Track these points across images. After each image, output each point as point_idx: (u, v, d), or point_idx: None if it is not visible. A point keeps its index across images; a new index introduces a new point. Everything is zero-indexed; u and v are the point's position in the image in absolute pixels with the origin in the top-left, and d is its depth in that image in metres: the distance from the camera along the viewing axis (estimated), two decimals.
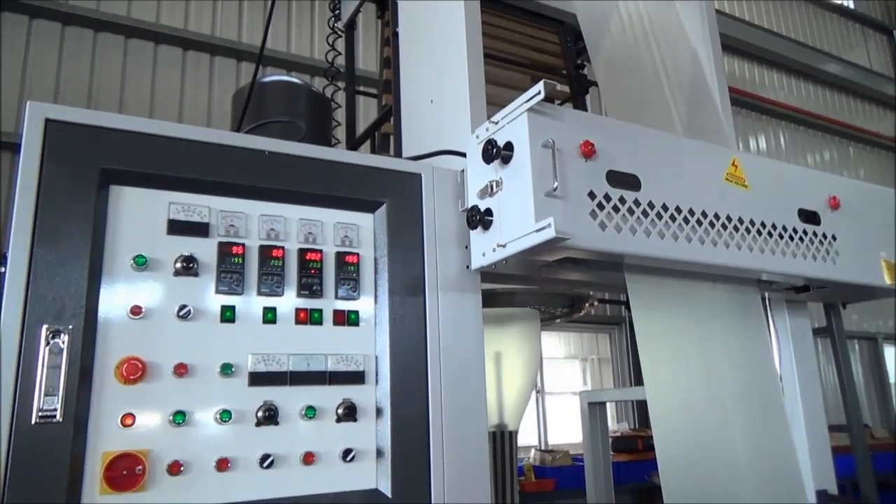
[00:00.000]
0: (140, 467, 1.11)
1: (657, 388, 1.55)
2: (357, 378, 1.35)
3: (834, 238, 1.79)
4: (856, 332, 10.78)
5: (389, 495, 1.30)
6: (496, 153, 1.40)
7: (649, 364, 1.56)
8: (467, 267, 1.50)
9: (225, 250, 1.28)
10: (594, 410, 2.94)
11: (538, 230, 1.28)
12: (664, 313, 1.65)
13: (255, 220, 1.33)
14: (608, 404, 3.06)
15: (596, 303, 2.32)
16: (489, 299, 1.89)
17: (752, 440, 1.66)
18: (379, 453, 1.34)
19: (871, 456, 7.04)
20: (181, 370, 1.18)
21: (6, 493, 1.00)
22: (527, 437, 6.88)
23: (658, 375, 1.58)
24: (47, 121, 1.15)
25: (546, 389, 7.44)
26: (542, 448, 6.05)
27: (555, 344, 8.15)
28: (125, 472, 1.09)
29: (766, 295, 2.03)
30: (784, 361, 2.04)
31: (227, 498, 1.18)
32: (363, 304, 1.40)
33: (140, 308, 1.17)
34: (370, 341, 1.39)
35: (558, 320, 2.59)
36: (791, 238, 1.70)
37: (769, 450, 1.68)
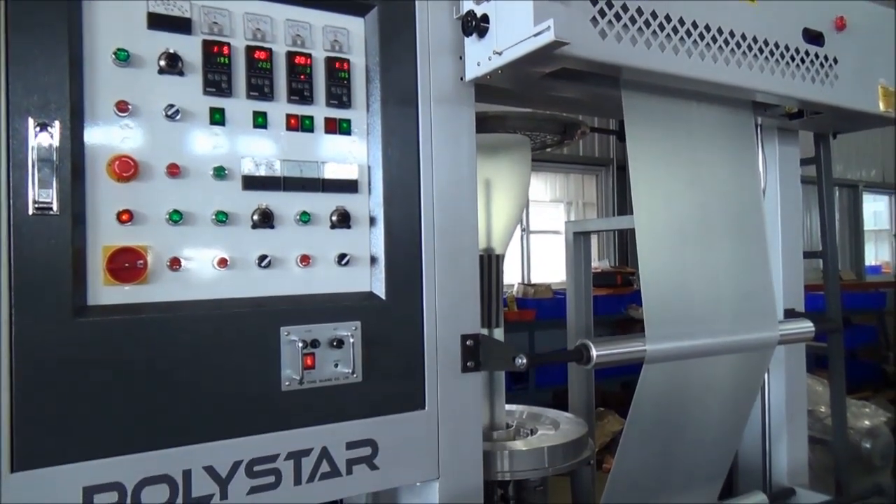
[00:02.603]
0: (141, 261, 1.14)
1: (645, 206, 1.58)
2: (350, 186, 1.36)
3: (835, 61, 1.75)
4: (839, 179, 10.92)
5: (384, 297, 1.36)
6: None
7: (639, 182, 1.58)
8: (461, 79, 1.47)
9: (210, 49, 1.22)
10: (579, 240, 3.02)
11: (536, 34, 1.23)
12: (657, 132, 1.64)
13: (240, 18, 1.26)
14: (592, 243, 3.14)
15: (587, 131, 2.29)
16: (480, 123, 1.86)
17: (732, 260, 1.72)
18: (373, 260, 1.39)
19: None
20: (174, 170, 1.18)
21: (13, 280, 1.03)
22: (511, 275, 7.14)
23: (647, 194, 1.60)
24: None
25: (531, 229, 7.60)
26: (526, 282, 6.30)
27: (541, 187, 8.21)
28: (127, 265, 1.12)
29: (759, 120, 2.02)
30: (769, 187, 2.07)
31: (228, 293, 1.22)
32: (355, 114, 1.38)
33: (126, 104, 1.14)
34: (363, 151, 1.39)
35: (549, 149, 2.58)
36: (792, 58, 1.66)
37: (746, 270, 1.74)
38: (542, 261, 7.53)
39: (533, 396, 4.95)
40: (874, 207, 12.68)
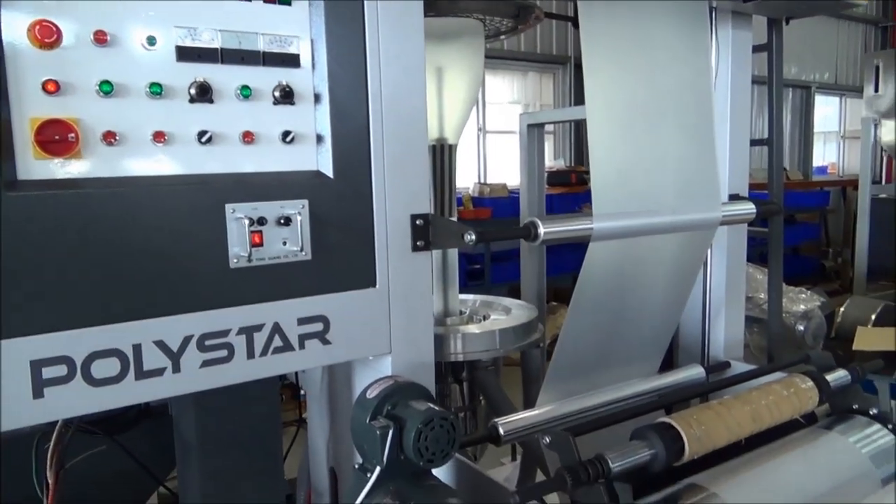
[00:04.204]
0: (73, 135, 1.09)
1: (597, 88, 1.57)
2: (292, 60, 1.31)
3: None
4: (793, 80, 11.02)
5: (331, 176, 1.35)
6: None
7: (591, 66, 1.56)
8: None
9: None
10: (532, 133, 3.01)
11: None
12: (610, 14, 1.61)
13: None
14: (546, 143, 3.12)
15: (542, 16, 2.23)
16: (430, 6, 1.79)
17: (680, 143, 1.74)
18: (319, 138, 1.36)
19: (787, 194, 7.61)
20: (101, 37, 1.11)
21: None
22: (468, 175, 7.13)
23: (599, 77, 1.58)
24: None
25: (487, 129, 7.55)
26: (482, 182, 6.31)
27: (498, 86, 8.08)
28: (57, 138, 1.08)
29: (714, 3, 2.00)
30: (721, 72, 2.08)
31: (170, 170, 1.19)
32: None
33: None
34: (305, 23, 1.33)
35: (503, 37, 2.51)
36: None
37: (693, 154, 1.77)
38: (498, 162, 7.51)
39: (488, 292, 5.07)
40: (825, 111, 12.90)
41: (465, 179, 6.77)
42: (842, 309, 4.23)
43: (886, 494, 1.33)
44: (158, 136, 1.17)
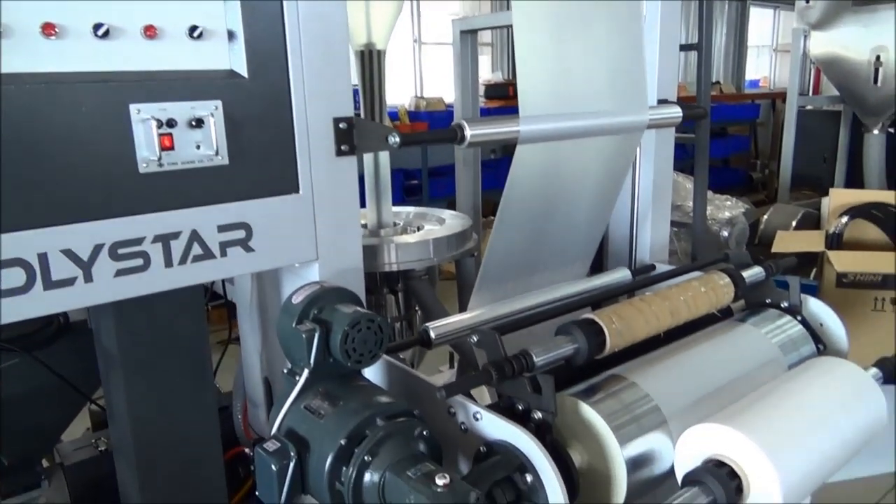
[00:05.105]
0: None
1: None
2: None
3: None
4: None
5: (246, 76, 1.28)
6: None
7: None
8: None
9: None
10: (466, 40, 2.93)
11: None
12: None
13: None
14: (485, 57, 3.04)
15: None
16: None
17: (609, 47, 1.72)
18: (231, 35, 1.28)
19: (718, 107, 7.71)
20: None
21: None
22: (404, 90, 6.96)
23: None
24: None
25: (423, 40, 7.32)
26: (418, 96, 6.18)
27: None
28: None
29: None
30: None
31: (62, 66, 1.10)
32: None
33: None
34: None
35: None
36: None
37: (622, 58, 1.75)
38: (435, 75, 7.34)
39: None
40: (760, 25, 13.02)
41: (403, 95, 6.62)
42: (765, 217, 4.42)
43: (790, 378, 1.42)
44: (48, 29, 1.07)
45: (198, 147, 1.22)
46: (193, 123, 1.21)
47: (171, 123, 1.18)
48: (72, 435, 2.11)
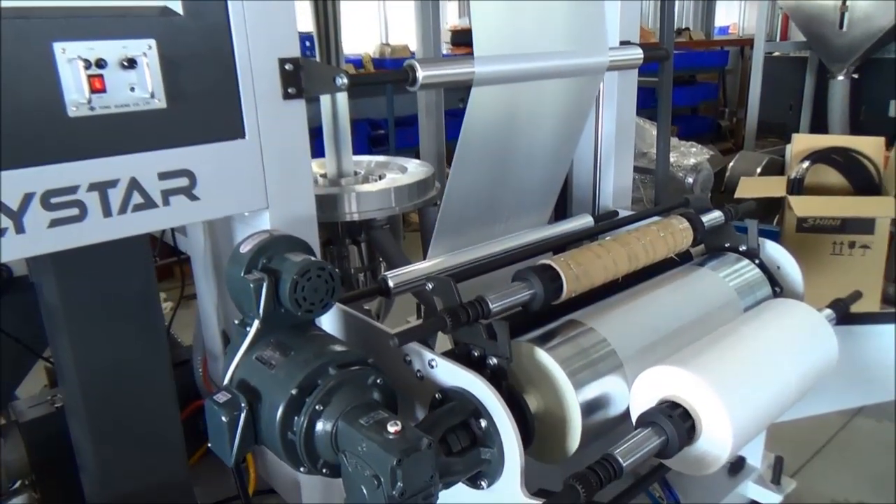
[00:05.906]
0: None
1: None
2: None
3: None
4: None
5: (181, 13, 1.20)
6: None
7: None
8: None
9: None
10: None
11: None
12: None
13: None
14: (453, 3, 2.93)
15: None
16: None
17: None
18: None
19: (687, 54, 7.62)
20: None
21: None
22: (369, 38, 6.77)
23: None
24: None
25: None
26: (384, 42, 6.01)
27: None
28: None
29: None
30: None
31: None
32: None
33: None
34: None
35: None
36: None
37: (583, 3, 1.69)
38: (402, 23, 7.15)
39: None
40: None
41: (369, 44, 6.45)
42: (731, 164, 4.43)
43: (745, 320, 1.43)
44: None
45: (132, 89, 1.16)
46: (125, 64, 1.14)
47: (100, 64, 1.11)
48: (30, 391, 2.07)
